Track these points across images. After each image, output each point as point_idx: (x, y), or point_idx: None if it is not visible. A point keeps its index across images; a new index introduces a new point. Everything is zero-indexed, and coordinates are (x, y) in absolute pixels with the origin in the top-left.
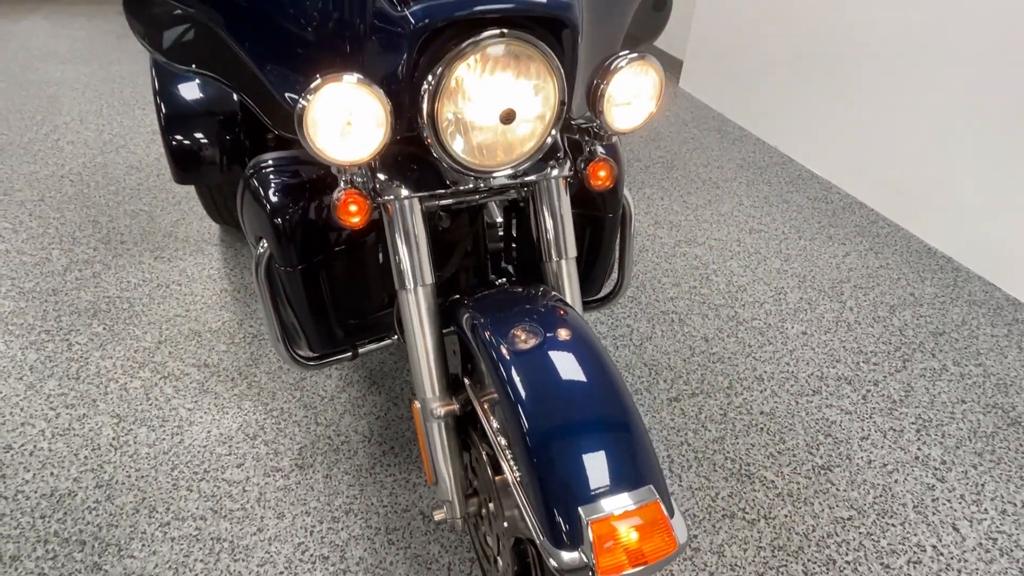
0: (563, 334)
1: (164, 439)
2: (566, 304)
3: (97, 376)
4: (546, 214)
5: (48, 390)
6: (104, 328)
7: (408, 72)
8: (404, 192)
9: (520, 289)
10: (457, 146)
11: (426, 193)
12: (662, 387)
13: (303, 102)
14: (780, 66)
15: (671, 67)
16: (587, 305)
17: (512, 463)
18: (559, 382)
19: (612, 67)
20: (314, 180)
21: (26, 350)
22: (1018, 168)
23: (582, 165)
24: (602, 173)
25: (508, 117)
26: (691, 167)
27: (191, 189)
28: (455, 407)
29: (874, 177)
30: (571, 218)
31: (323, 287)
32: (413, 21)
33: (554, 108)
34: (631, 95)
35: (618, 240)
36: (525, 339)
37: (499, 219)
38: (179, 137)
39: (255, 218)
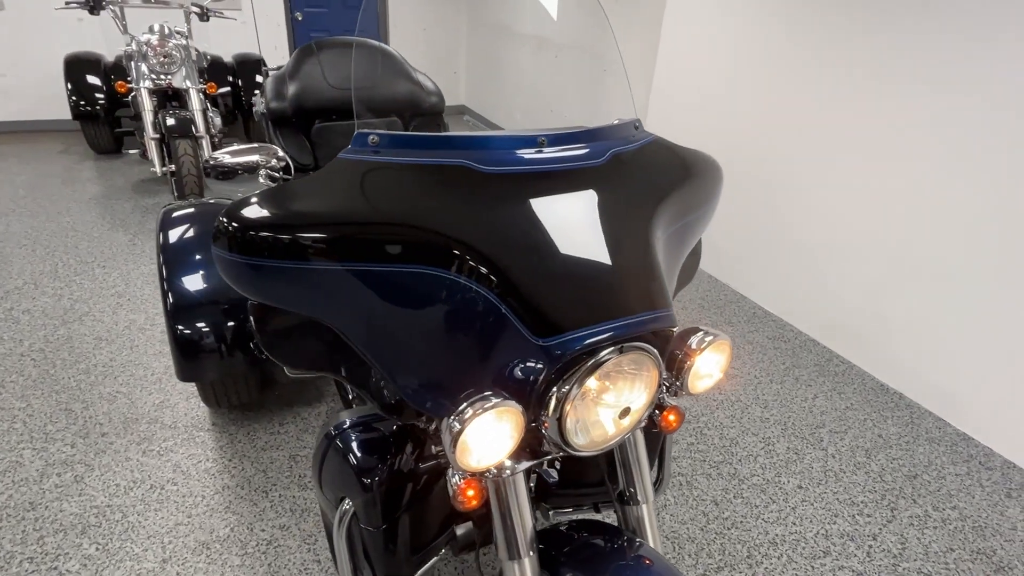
0: None
1: None
2: (656, 553)
3: None
4: (628, 463)
5: None
6: (97, 548)
7: (540, 384)
8: (508, 464)
9: (606, 541)
10: (579, 440)
11: (531, 463)
12: (688, 563)
13: (455, 426)
14: (726, 204)
15: None
16: None
17: None
18: None
19: (696, 347)
20: (395, 433)
21: None
22: (954, 307)
23: (655, 411)
24: (671, 418)
25: (625, 413)
26: None
27: (168, 358)
28: None
29: (822, 317)
30: (648, 465)
31: (399, 537)
32: (550, 352)
33: (654, 392)
34: (707, 368)
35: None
36: None
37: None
38: (182, 327)
39: (339, 478)
